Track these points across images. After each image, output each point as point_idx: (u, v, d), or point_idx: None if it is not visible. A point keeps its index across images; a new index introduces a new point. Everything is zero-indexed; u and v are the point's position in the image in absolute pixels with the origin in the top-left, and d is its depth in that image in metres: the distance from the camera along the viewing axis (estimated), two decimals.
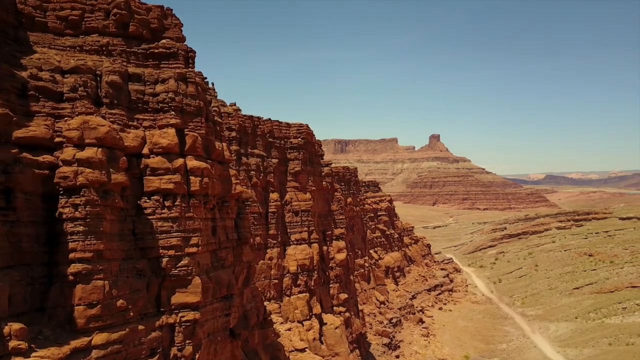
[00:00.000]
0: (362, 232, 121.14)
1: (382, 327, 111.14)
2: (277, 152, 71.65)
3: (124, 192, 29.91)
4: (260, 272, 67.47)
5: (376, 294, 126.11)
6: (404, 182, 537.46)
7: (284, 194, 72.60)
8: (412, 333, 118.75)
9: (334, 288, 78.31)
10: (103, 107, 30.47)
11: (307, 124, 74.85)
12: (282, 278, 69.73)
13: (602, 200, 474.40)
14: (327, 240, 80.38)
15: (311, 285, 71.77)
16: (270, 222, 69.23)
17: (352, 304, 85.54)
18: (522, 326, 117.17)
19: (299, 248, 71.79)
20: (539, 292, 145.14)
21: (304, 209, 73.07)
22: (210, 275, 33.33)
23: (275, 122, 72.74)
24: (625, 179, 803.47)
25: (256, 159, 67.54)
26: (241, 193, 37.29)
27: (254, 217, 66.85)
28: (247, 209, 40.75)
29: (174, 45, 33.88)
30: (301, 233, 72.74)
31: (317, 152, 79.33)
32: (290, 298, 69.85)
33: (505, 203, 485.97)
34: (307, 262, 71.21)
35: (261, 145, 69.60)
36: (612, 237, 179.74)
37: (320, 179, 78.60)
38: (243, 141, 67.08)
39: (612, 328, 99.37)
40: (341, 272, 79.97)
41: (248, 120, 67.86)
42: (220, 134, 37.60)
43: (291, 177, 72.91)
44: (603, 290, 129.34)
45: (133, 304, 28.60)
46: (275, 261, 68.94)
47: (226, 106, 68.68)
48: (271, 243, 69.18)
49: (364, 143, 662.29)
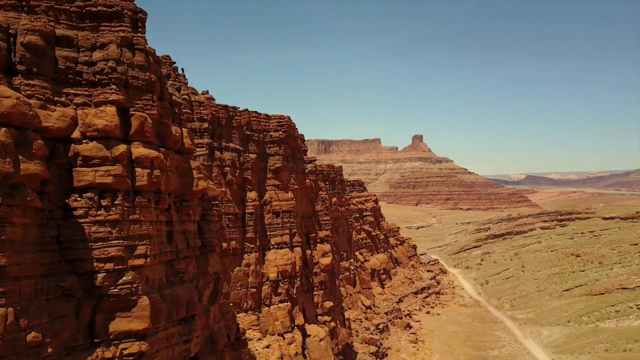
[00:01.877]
0: (347, 234, 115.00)
1: (369, 333, 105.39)
2: (255, 147, 64.61)
3: (45, 187, 22.69)
4: (236, 280, 60.43)
5: (362, 298, 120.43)
6: (387, 182, 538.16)
7: (263, 193, 65.64)
8: (400, 339, 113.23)
9: (319, 296, 71.67)
10: (17, 76, 23.18)
11: (288, 116, 68.03)
12: (260, 286, 62.79)
13: (582, 200, 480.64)
14: (310, 243, 73.73)
15: (293, 294, 65.01)
16: (248, 225, 62.21)
17: (338, 312, 79.09)
18: (513, 331, 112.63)
19: (279, 253, 64.91)
20: (527, 294, 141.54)
21: (286, 209, 66.25)
22: (164, 293, 26.30)
23: (253, 113, 65.73)
24: (603, 180, 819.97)
25: (231, 153, 60.39)
26: (206, 190, 30.35)
27: (229, 218, 59.77)
28: (215, 210, 33.76)
29: (117, 3, 26.74)
30: (282, 236, 65.91)
31: (299, 147, 72.59)
32: (270, 308, 62.94)
33: (488, 203, 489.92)
34: (288, 268, 64.42)
35: (237, 139, 62.48)
36: (597, 237, 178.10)
37: (304, 177, 71.88)
38: (216, 133, 59.89)
39: (607, 333, 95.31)
40: (326, 278, 73.40)
41: (222, 110, 60.70)
42: (180, 117, 30.57)
43: (271, 174, 65.99)
44: (593, 292, 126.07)
45: (54, 336, 21.43)
46: (253, 268, 61.95)
47: (197, 94, 61.39)
48: (248, 247, 62.16)
49: (348, 143, 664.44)
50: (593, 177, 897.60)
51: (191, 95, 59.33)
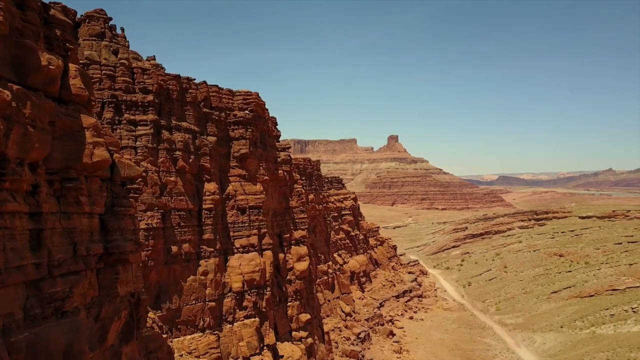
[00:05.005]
0: (325, 234, 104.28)
1: (349, 344, 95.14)
2: (215, 128, 52.69)
3: None
4: (190, 293, 48.47)
5: (341, 304, 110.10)
6: (363, 182, 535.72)
7: (226, 185, 53.88)
8: (383, 349, 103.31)
9: (293, 307, 60.30)
10: None
11: (256, 93, 56.33)
12: (221, 299, 50.99)
13: (555, 200, 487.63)
14: (284, 245, 62.29)
15: (262, 307, 53.52)
16: (205, 223, 50.35)
17: (316, 325, 67.89)
18: (503, 338, 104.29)
19: (245, 257, 53.29)
20: (513, 297, 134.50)
21: (253, 204, 54.74)
22: (14, 340, 14.63)
23: (213, 87, 53.75)
24: (573, 180, 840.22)
25: (184, 134, 48.41)
26: (105, 164, 18.77)
27: (180, 215, 47.80)
28: (132, 198, 22.09)
29: None
30: (249, 237, 54.31)
31: (270, 130, 60.98)
32: (233, 326, 51.23)
33: (463, 203, 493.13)
34: (256, 275, 52.92)
35: (192, 117, 50.44)
36: (579, 236, 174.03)
37: (275, 166, 60.40)
38: (165, 109, 47.78)
39: (606, 340, 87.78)
40: (302, 286, 62.14)
41: (173, 81, 48.60)
42: (67, 45, 18.82)
43: (235, 162, 54.28)
44: (583, 294, 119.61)
45: None
46: (211, 276, 50.12)
47: (141, 60, 49.05)
48: (206, 252, 50.28)
49: (324, 143, 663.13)
50: (563, 177, 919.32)
51: (132, 61, 47.09)
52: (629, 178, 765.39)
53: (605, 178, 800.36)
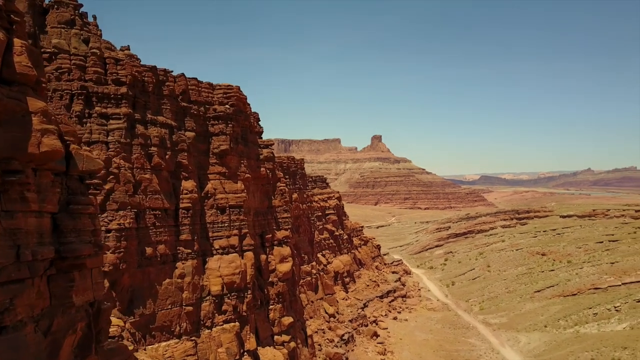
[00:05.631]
0: (309, 234, 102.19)
1: (333, 346, 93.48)
2: (194, 123, 50.03)
3: None
4: (166, 297, 45.78)
5: (325, 305, 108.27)
6: (347, 182, 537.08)
7: (205, 183, 51.28)
8: (367, 350, 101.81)
9: (275, 311, 57.99)
10: None
11: (238, 86, 53.81)
12: (199, 303, 48.41)
13: (535, 199, 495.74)
14: (266, 246, 59.91)
15: (243, 311, 51.11)
16: (183, 223, 47.70)
17: (299, 328, 65.68)
18: (488, 338, 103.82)
19: (225, 259, 50.79)
20: (497, 296, 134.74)
21: (234, 203, 52.27)
22: None
23: (192, 80, 51.07)
24: (553, 180, 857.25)
25: (160, 129, 45.66)
26: (56, 154, 16.28)
27: (156, 215, 45.07)
28: (91, 195, 19.57)
29: None
30: (229, 238, 51.82)
31: (252, 126, 58.48)
32: (212, 331, 48.71)
33: (446, 202, 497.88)
34: (236, 278, 50.49)
35: (169, 111, 47.69)
36: (561, 235, 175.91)
37: (258, 163, 57.97)
38: (140, 102, 44.93)
39: (590, 339, 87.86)
40: (285, 289, 59.86)
41: (148, 72, 45.79)
42: (10, 15, 16.21)
43: (215, 159, 51.71)
44: (566, 293, 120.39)
45: None
46: (189, 279, 47.50)
47: (114, 50, 46.08)
48: (183, 253, 47.64)
49: (308, 143, 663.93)
50: (544, 177, 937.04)
51: (105, 51, 44.14)
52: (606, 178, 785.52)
53: (584, 178, 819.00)
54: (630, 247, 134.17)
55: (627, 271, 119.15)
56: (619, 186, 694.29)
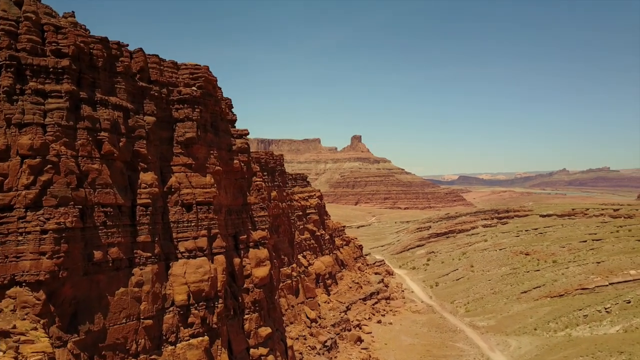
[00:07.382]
0: (289, 234, 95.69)
1: (315, 354, 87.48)
2: (154, 106, 42.95)
3: None
4: (119, 309, 38.62)
5: (306, 310, 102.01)
6: (327, 182, 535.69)
7: (168, 176, 44.28)
8: (350, 357, 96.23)
9: (251, 320, 51.30)
10: None
11: (206, 66, 46.94)
12: (161, 315, 41.40)
13: (513, 199, 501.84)
14: (240, 248, 53.15)
15: (213, 323, 44.31)
16: (141, 222, 40.60)
17: (278, 338, 59.07)
18: (476, 342, 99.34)
19: (192, 264, 43.91)
20: (482, 297, 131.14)
21: (202, 200, 45.46)
22: None
23: (152, 57, 43.95)
24: (530, 180, 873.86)
25: (112, 111, 38.47)
26: None
27: (106, 212, 37.87)
28: None
29: None
30: (197, 239, 44.95)
31: (224, 113, 51.60)
32: (176, 347, 41.77)
33: (425, 202, 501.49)
34: (205, 285, 43.68)
35: (124, 91, 40.48)
36: (543, 234, 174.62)
37: (230, 155, 51.15)
38: (86, 79, 37.66)
39: (584, 343, 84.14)
40: (262, 295, 53.25)
41: (98, 44, 38.56)
42: None
43: (180, 149, 44.78)
44: (553, 293, 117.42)
45: None
46: (148, 288, 40.45)
47: (55, 16, 38.62)
48: (141, 257, 40.54)
49: (288, 143, 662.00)
50: (520, 177, 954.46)
51: (43, 16, 36.76)
52: (581, 178, 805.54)
53: (559, 178, 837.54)
54: (615, 247, 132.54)
55: (614, 271, 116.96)
56: (593, 186, 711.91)
